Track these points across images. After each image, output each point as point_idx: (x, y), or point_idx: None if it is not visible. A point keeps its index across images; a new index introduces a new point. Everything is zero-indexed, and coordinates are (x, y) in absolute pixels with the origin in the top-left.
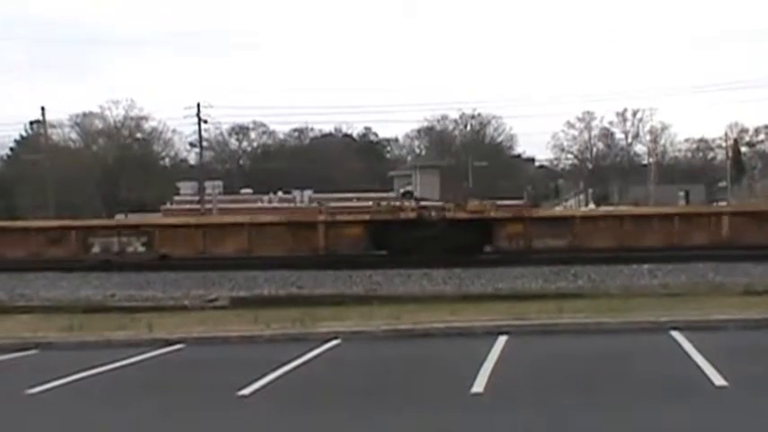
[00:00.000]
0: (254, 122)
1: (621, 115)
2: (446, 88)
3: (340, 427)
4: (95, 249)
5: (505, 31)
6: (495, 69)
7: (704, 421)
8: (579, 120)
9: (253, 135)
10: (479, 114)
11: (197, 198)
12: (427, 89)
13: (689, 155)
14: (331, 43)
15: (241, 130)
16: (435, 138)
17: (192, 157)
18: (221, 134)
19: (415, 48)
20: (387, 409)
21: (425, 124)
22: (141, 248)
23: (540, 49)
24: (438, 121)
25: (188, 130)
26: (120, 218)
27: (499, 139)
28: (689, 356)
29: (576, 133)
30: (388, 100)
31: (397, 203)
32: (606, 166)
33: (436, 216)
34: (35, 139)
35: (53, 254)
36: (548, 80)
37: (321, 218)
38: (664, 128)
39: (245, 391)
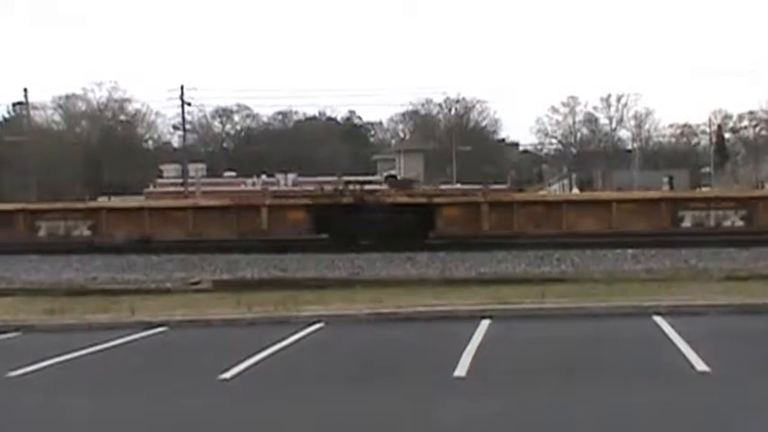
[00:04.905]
0: (238, 105)
1: (606, 100)
2: (431, 72)
3: (322, 410)
4: None
5: (490, 16)
6: (479, 53)
7: (686, 406)
8: (563, 105)
9: (236, 118)
10: (464, 98)
11: (180, 181)
12: (412, 73)
13: (673, 140)
14: (314, 27)
15: (225, 113)
16: (419, 122)
17: (176, 140)
18: (205, 117)
19: (400, 31)
20: (369, 393)
21: (410, 108)
22: None
23: (524, 33)
24: (422, 105)
25: (171, 112)
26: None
27: (483, 124)
28: (671, 342)
29: (560, 118)
30: (373, 83)
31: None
32: (590, 151)
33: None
34: (18, 120)
35: None
36: (532, 65)
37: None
38: (648, 113)
39: (227, 375)
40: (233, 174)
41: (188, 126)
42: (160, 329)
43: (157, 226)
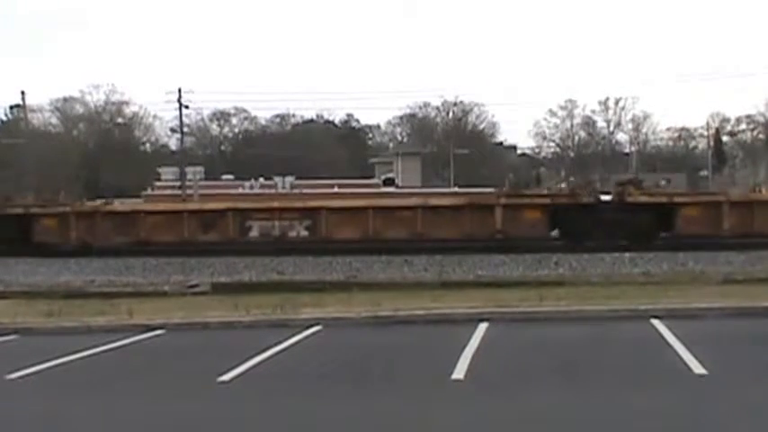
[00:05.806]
0: (236, 108)
1: (604, 104)
2: (428, 75)
3: (320, 412)
4: None
5: (488, 19)
6: (477, 57)
7: (683, 409)
8: (561, 108)
9: (234, 121)
10: (461, 102)
11: (178, 184)
12: (409, 76)
13: (670, 144)
14: (312, 30)
15: (222, 116)
16: (417, 125)
17: (173, 143)
18: (202, 120)
19: (398, 34)
20: (367, 396)
21: (407, 111)
22: None
23: (523, 36)
24: (420, 108)
25: (169, 115)
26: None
27: (481, 127)
28: (669, 344)
29: (558, 121)
30: (370, 87)
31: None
32: (588, 154)
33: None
34: (15, 123)
35: None
36: (530, 68)
37: None
38: (646, 116)
39: (226, 377)
40: (231, 177)
41: (186, 129)
42: (158, 332)
43: (381, 226)
